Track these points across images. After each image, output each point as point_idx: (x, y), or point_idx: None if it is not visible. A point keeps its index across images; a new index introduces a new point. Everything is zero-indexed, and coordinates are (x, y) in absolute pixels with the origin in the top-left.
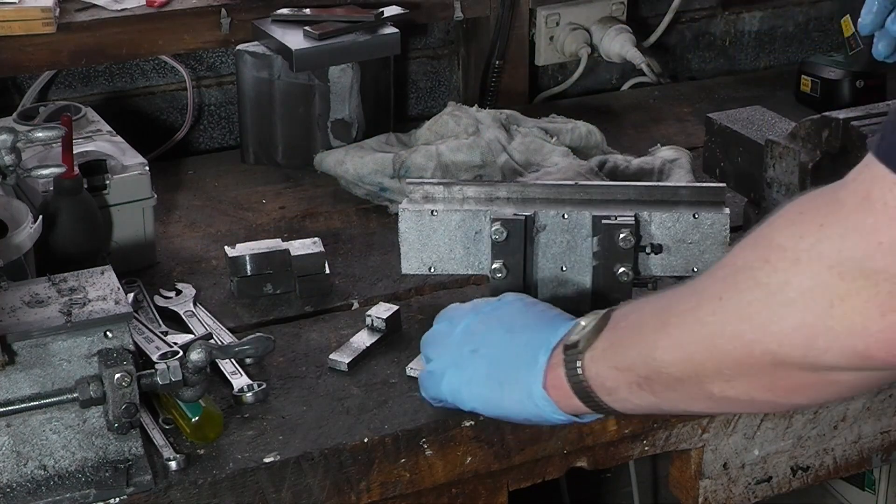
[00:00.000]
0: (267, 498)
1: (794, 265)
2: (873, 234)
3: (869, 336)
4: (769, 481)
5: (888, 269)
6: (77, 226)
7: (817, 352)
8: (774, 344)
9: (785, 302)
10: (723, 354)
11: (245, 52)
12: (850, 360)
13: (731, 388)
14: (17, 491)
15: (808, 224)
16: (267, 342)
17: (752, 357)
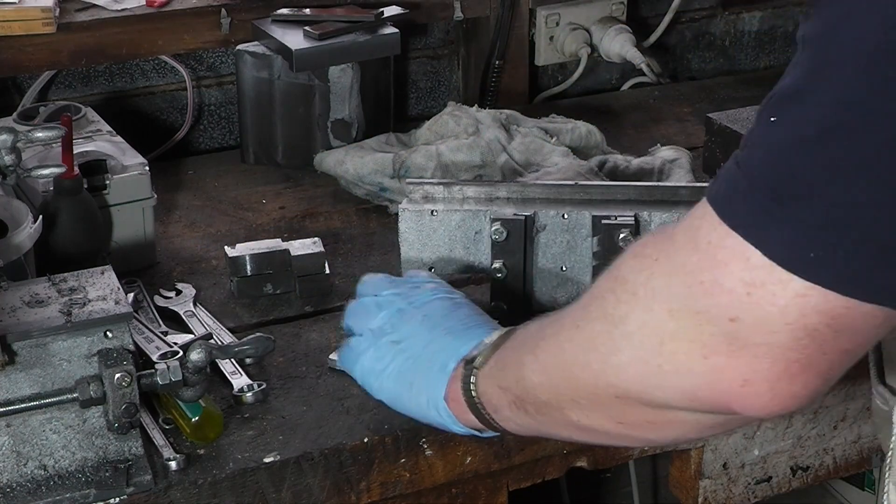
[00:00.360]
0: (267, 498)
1: (632, 298)
2: (697, 274)
3: (694, 377)
4: (769, 481)
5: (709, 311)
6: (77, 226)
7: (651, 389)
8: (614, 376)
9: (624, 335)
10: (577, 382)
11: (245, 52)
12: (680, 401)
13: (587, 417)
14: (17, 491)
15: (646, 258)
16: (267, 342)
17: (598, 388)
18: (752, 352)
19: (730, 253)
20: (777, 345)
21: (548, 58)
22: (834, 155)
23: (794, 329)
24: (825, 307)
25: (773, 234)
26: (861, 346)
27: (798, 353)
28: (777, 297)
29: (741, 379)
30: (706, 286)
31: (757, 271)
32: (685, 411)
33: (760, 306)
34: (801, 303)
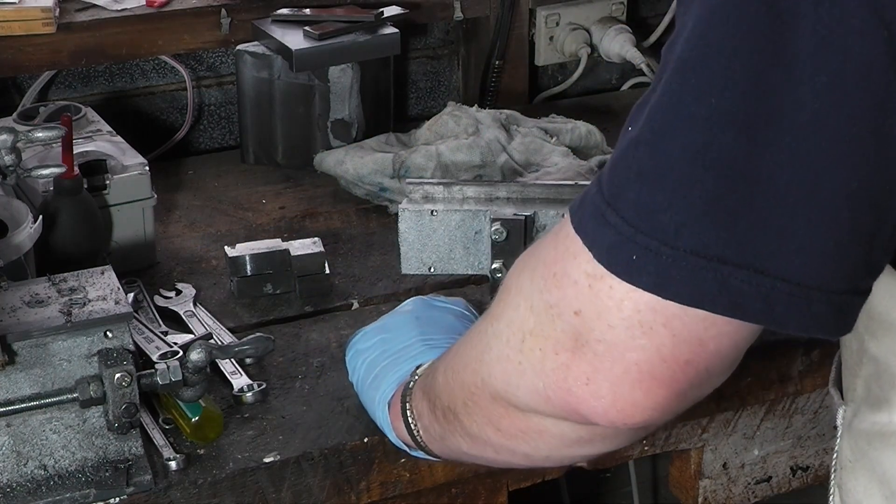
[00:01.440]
0: (267, 498)
1: (506, 296)
2: (552, 265)
3: (545, 376)
4: (769, 481)
5: (559, 304)
6: (77, 226)
7: (513, 388)
8: (487, 375)
9: (495, 333)
10: (463, 382)
11: (245, 52)
12: (537, 402)
13: (475, 423)
14: (17, 491)
15: (524, 256)
16: (267, 342)
17: (477, 387)
18: (594, 349)
19: (580, 246)
20: (615, 342)
21: (548, 58)
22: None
23: (629, 326)
24: (657, 305)
25: (600, 235)
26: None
27: (637, 354)
28: (614, 290)
29: (584, 377)
30: (557, 278)
31: (596, 266)
32: (546, 418)
33: (599, 299)
34: (634, 298)
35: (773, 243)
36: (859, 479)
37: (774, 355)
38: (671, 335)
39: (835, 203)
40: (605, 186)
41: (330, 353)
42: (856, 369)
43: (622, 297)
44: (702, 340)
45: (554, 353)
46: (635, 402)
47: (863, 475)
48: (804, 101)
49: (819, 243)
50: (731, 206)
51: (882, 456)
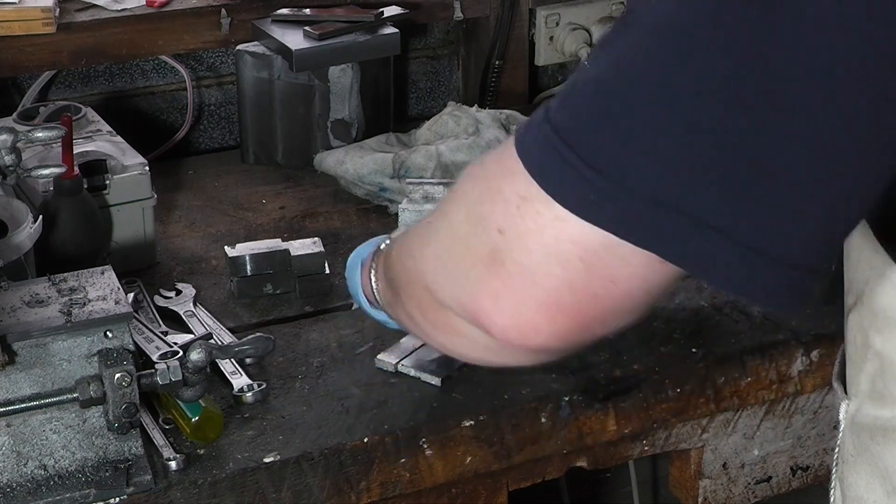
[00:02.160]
0: (267, 498)
1: (452, 197)
2: (491, 180)
3: (462, 282)
4: (769, 481)
5: (487, 218)
6: (77, 226)
7: (438, 285)
8: (423, 265)
9: (436, 229)
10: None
11: (245, 52)
12: (452, 303)
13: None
14: (17, 491)
15: (478, 161)
16: (267, 342)
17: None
18: (508, 268)
19: (519, 168)
20: (529, 266)
21: (548, 58)
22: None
23: (547, 253)
24: (580, 237)
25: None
26: (616, 300)
27: (548, 280)
28: (540, 215)
29: (494, 293)
30: (492, 192)
31: (533, 187)
32: (460, 319)
33: (524, 221)
34: (558, 227)
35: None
36: (861, 474)
37: (774, 355)
38: (586, 269)
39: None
40: (555, 117)
41: (330, 353)
42: (860, 364)
43: (546, 223)
44: (615, 279)
45: (472, 265)
46: (536, 326)
47: (864, 470)
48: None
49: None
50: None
51: (884, 451)
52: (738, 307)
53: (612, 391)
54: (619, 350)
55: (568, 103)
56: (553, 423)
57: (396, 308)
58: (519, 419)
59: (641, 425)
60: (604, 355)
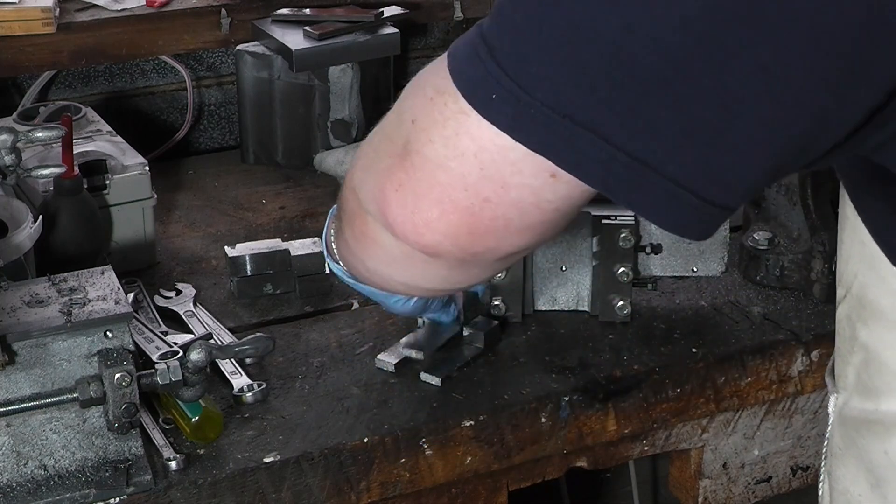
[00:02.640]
0: (267, 498)
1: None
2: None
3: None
4: (769, 481)
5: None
6: (77, 226)
7: (361, 182)
8: (353, 165)
9: (376, 130)
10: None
11: (245, 52)
12: (368, 200)
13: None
14: (17, 491)
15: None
16: (267, 342)
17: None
18: (413, 160)
19: (444, 65)
20: (430, 157)
21: None
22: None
23: (446, 144)
24: (477, 133)
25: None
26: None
27: (444, 175)
28: (446, 107)
29: (398, 182)
30: (416, 87)
31: (449, 83)
32: (376, 224)
33: (431, 112)
34: (459, 120)
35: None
36: (848, 467)
37: (774, 355)
38: (479, 167)
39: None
40: (486, 22)
41: (330, 353)
42: (847, 357)
43: (450, 116)
44: (505, 183)
45: (387, 155)
46: (429, 221)
47: (851, 463)
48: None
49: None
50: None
51: (869, 444)
52: (738, 307)
53: (612, 391)
54: (619, 350)
55: (496, 10)
56: (553, 423)
57: (339, 238)
58: (519, 419)
59: (641, 425)
60: (604, 355)
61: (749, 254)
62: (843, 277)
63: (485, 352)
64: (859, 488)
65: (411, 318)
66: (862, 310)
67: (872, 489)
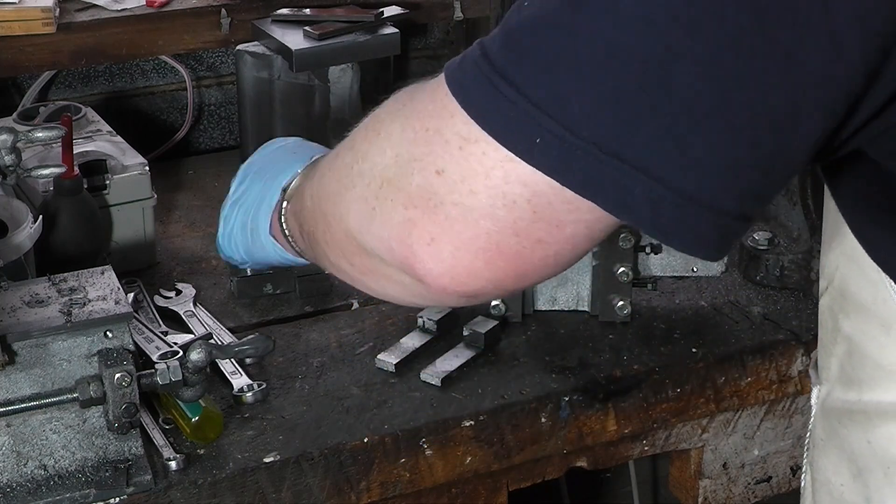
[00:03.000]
0: (267, 498)
1: (375, 137)
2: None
3: (392, 227)
4: (769, 481)
5: (423, 159)
6: (77, 226)
7: (364, 232)
8: (345, 211)
9: (359, 172)
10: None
11: (245, 52)
12: (380, 250)
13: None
14: (17, 491)
15: (399, 101)
16: (267, 342)
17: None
18: (448, 210)
19: (456, 107)
20: (473, 207)
21: None
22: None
23: (493, 194)
24: (530, 179)
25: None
26: (559, 245)
27: (491, 223)
28: (486, 156)
29: (429, 236)
30: (429, 133)
31: (475, 128)
32: (389, 266)
33: (468, 162)
34: (507, 168)
35: (671, 152)
36: (830, 458)
37: (774, 355)
38: (532, 211)
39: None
40: (496, 56)
41: (330, 353)
42: (830, 348)
43: (494, 165)
44: (560, 223)
45: (404, 207)
46: (474, 272)
47: (833, 453)
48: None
49: (716, 159)
50: (639, 108)
51: (851, 434)
52: (738, 307)
53: (612, 391)
54: (619, 350)
55: (510, 41)
56: (553, 423)
57: (320, 260)
58: (519, 419)
59: (641, 425)
60: (604, 355)
61: (749, 254)
62: (825, 269)
63: (485, 352)
64: (841, 478)
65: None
66: (844, 301)
67: (854, 479)
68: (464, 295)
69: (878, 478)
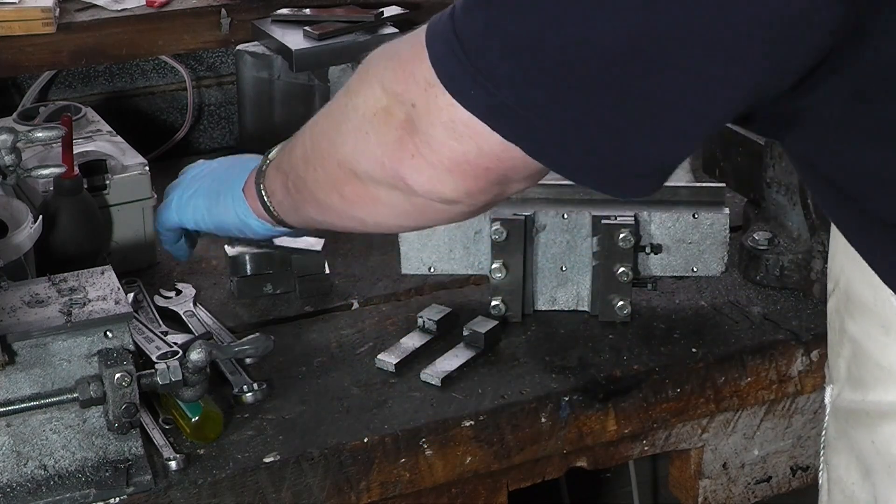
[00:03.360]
0: (267, 498)
1: (365, 76)
2: (405, 63)
3: (385, 145)
4: (769, 481)
5: (402, 94)
6: (77, 226)
7: (359, 155)
8: (340, 143)
9: (353, 106)
10: (318, 149)
11: (245, 52)
12: (373, 169)
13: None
14: (17, 491)
15: (388, 48)
16: (267, 342)
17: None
18: (421, 135)
19: (426, 55)
20: (434, 136)
21: None
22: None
23: (445, 129)
24: (470, 122)
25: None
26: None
27: (448, 150)
28: (439, 98)
29: (411, 152)
30: (406, 73)
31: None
32: (380, 186)
33: (429, 101)
34: (452, 111)
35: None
36: (841, 457)
37: (774, 355)
38: (476, 147)
39: None
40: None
41: (330, 353)
42: (838, 349)
43: (443, 106)
44: (499, 158)
45: (394, 128)
46: (444, 182)
47: (844, 453)
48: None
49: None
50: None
51: (858, 434)
52: (738, 307)
53: (612, 391)
54: (619, 350)
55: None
56: (553, 423)
57: (305, 207)
58: (519, 419)
59: (641, 425)
60: (604, 355)
61: (749, 254)
62: (832, 271)
63: (485, 352)
64: (852, 477)
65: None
66: (848, 303)
67: (863, 478)
68: (446, 201)
69: (882, 477)
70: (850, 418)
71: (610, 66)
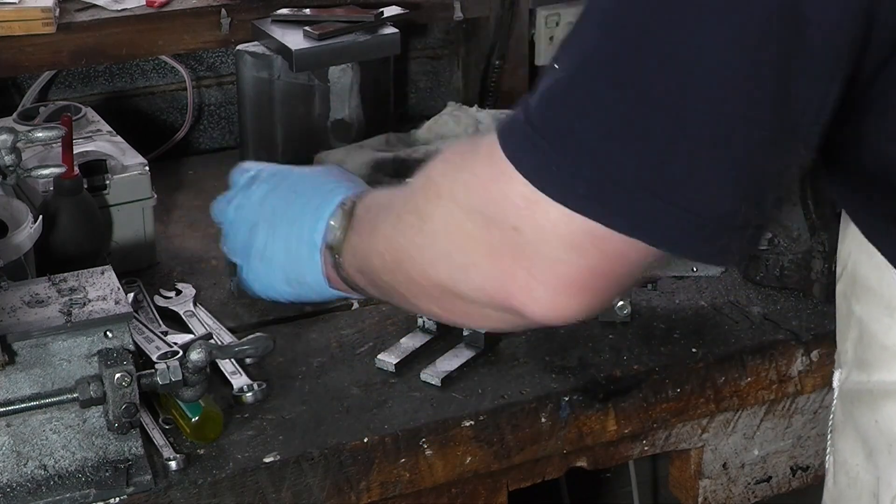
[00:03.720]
0: (267, 498)
1: (437, 198)
2: (489, 184)
3: (486, 276)
4: (769, 481)
5: (496, 218)
6: (77, 226)
7: (456, 282)
8: (430, 268)
9: (432, 231)
10: (403, 268)
11: (245, 52)
12: (478, 296)
13: (419, 301)
14: (17, 491)
15: (451, 164)
16: (267, 342)
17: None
18: (532, 260)
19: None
20: (549, 256)
21: (548, 58)
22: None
23: (562, 244)
24: (591, 230)
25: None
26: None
27: (567, 267)
28: (549, 213)
29: (522, 282)
30: (494, 196)
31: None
32: (490, 307)
33: (536, 220)
34: (567, 221)
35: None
36: (847, 439)
37: (774, 355)
38: (600, 253)
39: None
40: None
41: (330, 353)
42: (845, 332)
43: (558, 220)
44: (626, 254)
45: (491, 258)
46: (566, 305)
47: (850, 435)
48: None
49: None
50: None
51: (862, 415)
52: (738, 307)
53: (612, 391)
54: (619, 350)
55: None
56: (553, 423)
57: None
58: (519, 419)
59: (641, 425)
60: (604, 355)
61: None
62: (841, 256)
63: (485, 352)
64: (857, 458)
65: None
66: (855, 285)
67: (867, 459)
68: (562, 322)
69: (884, 456)
70: (855, 400)
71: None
